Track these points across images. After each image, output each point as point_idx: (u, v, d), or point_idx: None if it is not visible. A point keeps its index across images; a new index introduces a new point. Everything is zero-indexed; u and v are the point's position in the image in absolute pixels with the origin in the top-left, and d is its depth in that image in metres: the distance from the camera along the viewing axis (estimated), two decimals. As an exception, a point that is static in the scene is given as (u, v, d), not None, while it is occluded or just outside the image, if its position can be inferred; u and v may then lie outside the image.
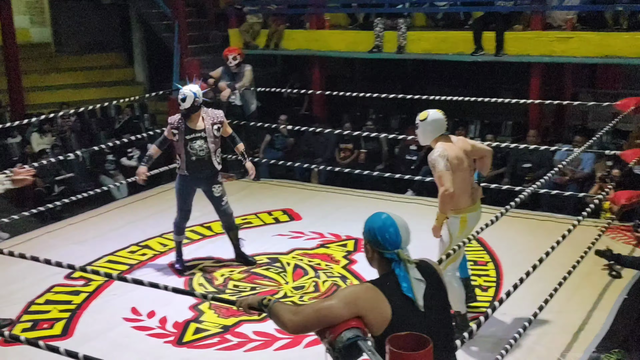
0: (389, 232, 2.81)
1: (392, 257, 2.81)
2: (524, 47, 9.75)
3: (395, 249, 2.81)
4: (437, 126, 5.02)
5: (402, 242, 2.82)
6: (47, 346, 3.86)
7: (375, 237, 2.85)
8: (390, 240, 2.81)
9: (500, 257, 6.72)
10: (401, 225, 2.85)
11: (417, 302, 2.74)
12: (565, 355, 4.97)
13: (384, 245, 2.82)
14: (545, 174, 6.48)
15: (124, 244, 7.25)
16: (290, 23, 11.96)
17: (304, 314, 2.78)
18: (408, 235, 2.85)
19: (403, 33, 10.51)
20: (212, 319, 5.65)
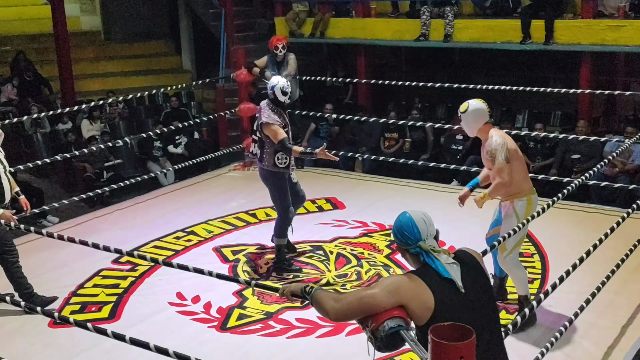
0: (407, 228, 2.89)
1: (417, 251, 2.86)
2: (574, 35, 9.55)
3: (417, 242, 2.86)
4: (480, 115, 5.05)
5: (422, 234, 2.87)
6: (95, 328, 3.94)
7: (397, 237, 2.93)
8: (410, 236, 2.88)
9: (546, 249, 6.62)
10: (418, 219, 2.90)
11: (457, 284, 2.76)
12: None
13: (407, 242, 2.89)
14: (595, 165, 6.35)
15: (169, 229, 7.35)
16: (336, 11, 11.92)
17: (346, 302, 2.79)
18: (428, 227, 2.90)
19: (450, 21, 10.38)
20: (255, 305, 5.70)
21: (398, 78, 9.67)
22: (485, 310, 2.81)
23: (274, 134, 5.97)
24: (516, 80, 9.69)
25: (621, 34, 9.21)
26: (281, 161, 6.08)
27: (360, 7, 11.58)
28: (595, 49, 9.56)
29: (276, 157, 6.07)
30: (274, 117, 6.02)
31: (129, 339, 3.76)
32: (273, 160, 6.08)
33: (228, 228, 7.42)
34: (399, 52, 13.18)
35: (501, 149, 4.94)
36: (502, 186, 4.98)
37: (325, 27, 11.73)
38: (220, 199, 8.33)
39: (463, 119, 5.11)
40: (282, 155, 6.07)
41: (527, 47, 9.83)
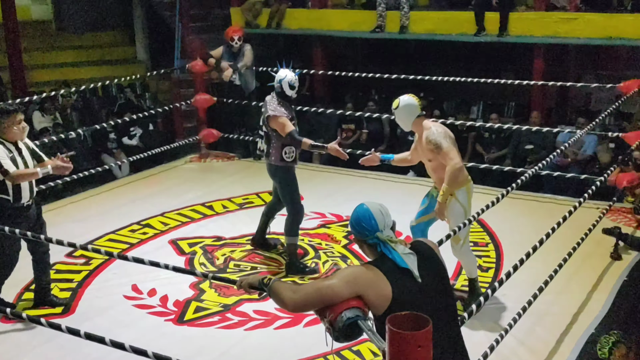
0: (364, 219, 2.91)
1: (374, 242, 2.89)
2: (527, 28, 9.69)
3: (374, 233, 2.88)
4: (411, 110, 5.20)
5: (379, 225, 2.90)
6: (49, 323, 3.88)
7: (354, 228, 2.96)
8: (367, 227, 2.90)
9: (500, 238, 6.73)
10: (375, 210, 2.93)
11: (413, 273, 2.79)
12: None
13: (364, 234, 2.92)
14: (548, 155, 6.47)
15: (125, 222, 7.26)
16: (292, 2, 11.88)
17: (304, 292, 2.80)
18: (385, 218, 2.93)
19: (406, 13, 10.44)
20: (212, 297, 5.67)
21: (354, 69, 9.68)
22: (442, 299, 2.85)
23: (281, 126, 5.84)
24: (471, 72, 9.80)
25: (573, 26, 9.38)
26: (288, 155, 5.94)
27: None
28: (547, 41, 9.73)
29: (283, 151, 5.93)
30: (281, 110, 5.89)
31: (84, 333, 3.71)
32: (280, 155, 5.94)
33: (184, 220, 7.36)
34: (355, 44, 13.20)
35: (444, 137, 5.05)
36: (458, 170, 5.03)
37: (281, 18, 11.69)
38: (176, 191, 8.26)
39: (396, 115, 5.26)
40: (290, 149, 5.93)
41: (482, 38, 9.95)
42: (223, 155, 9.68)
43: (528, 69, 10.14)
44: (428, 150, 5.14)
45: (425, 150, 5.18)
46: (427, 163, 5.30)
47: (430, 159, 5.19)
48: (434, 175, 5.30)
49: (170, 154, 9.95)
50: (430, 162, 5.23)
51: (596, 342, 4.91)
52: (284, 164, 5.98)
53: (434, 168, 5.24)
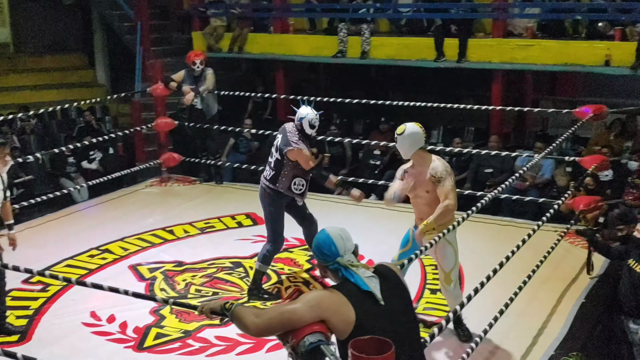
0: (325, 246, 2.92)
1: (335, 267, 2.90)
2: (486, 54, 9.88)
3: (334, 259, 2.89)
4: (416, 139, 5.05)
5: (340, 250, 2.90)
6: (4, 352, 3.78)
7: (316, 255, 2.96)
8: (327, 253, 2.91)
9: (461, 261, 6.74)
10: (336, 235, 2.94)
11: (376, 296, 2.79)
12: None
13: (325, 259, 2.92)
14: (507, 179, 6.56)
15: (83, 248, 7.15)
16: (254, 27, 11.93)
17: (267, 317, 2.78)
18: (345, 242, 2.93)
19: (367, 39, 10.56)
20: (173, 323, 5.60)
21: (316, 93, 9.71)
22: (405, 323, 2.85)
23: (305, 160, 5.81)
24: (431, 97, 9.92)
25: (530, 52, 9.59)
26: (297, 187, 5.91)
27: (278, 23, 11.63)
28: (505, 67, 9.91)
29: (293, 182, 5.88)
30: (302, 144, 5.87)
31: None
32: (289, 184, 5.88)
33: (145, 245, 7.27)
34: (317, 68, 13.30)
35: (448, 175, 4.95)
36: (450, 211, 4.93)
37: (243, 43, 11.71)
38: (136, 216, 8.17)
39: (399, 141, 5.09)
40: (300, 181, 5.90)
41: (441, 64, 10.10)
42: (184, 179, 9.62)
43: (487, 94, 10.32)
44: (430, 183, 4.99)
45: (425, 182, 5.02)
46: (421, 196, 5.09)
47: (428, 191, 5.03)
48: (424, 209, 5.09)
49: (130, 178, 9.85)
50: (426, 194, 5.04)
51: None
52: (289, 194, 5.93)
53: (427, 202, 5.05)
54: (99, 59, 14.30)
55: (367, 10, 10.91)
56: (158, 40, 12.73)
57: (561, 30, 9.92)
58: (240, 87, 11.15)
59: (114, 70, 14.18)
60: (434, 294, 6.10)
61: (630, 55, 8.82)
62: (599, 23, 9.44)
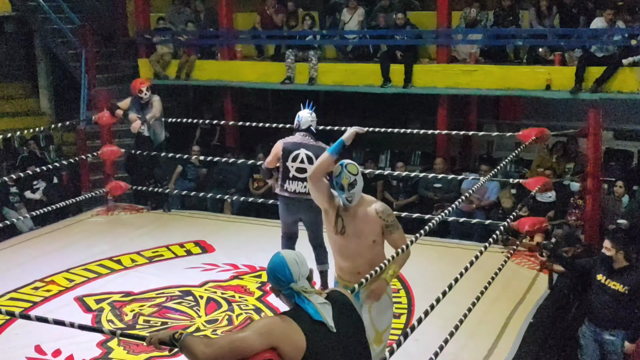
0: (279, 270, 2.90)
1: (288, 292, 2.89)
2: (431, 79, 10.05)
3: (288, 284, 2.88)
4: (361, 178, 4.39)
5: (294, 275, 2.89)
6: (-57, 391, 3.65)
7: (270, 278, 2.95)
8: (281, 278, 2.89)
9: (411, 283, 6.83)
10: (290, 260, 2.92)
11: (327, 324, 2.79)
12: None
13: (279, 284, 2.91)
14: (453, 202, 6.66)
15: (27, 280, 6.96)
16: (201, 54, 11.91)
17: (218, 346, 2.75)
18: (300, 268, 2.92)
19: (314, 65, 10.65)
20: (121, 356, 5.48)
21: (265, 120, 9.77)
22: (356, 349, 2.85)
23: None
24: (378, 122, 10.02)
25: (473, 77, 9.80)
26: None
27: (225, 50, 11.64)
28: (450, 92, 10.10)
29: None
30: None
31: (-18, 400, 3.51)
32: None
33: (91, 276, 7.12)
34: (266, 95, 13.33)
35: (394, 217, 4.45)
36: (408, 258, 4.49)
37: (190, 69, 11.68)
38: (82, 246, 8.00)
39: (358, 183, 4.32)
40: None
41: (387, 90, 10.24)
42: (131, 208, 9.48)
43: (433, 119, 10.48)
44: (377, 227, 4.35)
45: (369, 226, 4.34)
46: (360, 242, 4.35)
47: (375, 240, 4.36)
48: (357, 260, 4.39)
49: (75, 207, 9.66)
50: (369, 241, 4.35)
51: (506, 384, 5.01)
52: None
53: (365, 249, 4.36)
54: (43, 87, 14.06)
55: (314, 36, 11.02)
56: (103, 67, 12.59)
57: (503, 55, 10.18)
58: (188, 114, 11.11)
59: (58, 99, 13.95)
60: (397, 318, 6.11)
61: (570, 80, 9.10)
62: (540, 48, 9.72)
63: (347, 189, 4.24)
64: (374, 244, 4.38)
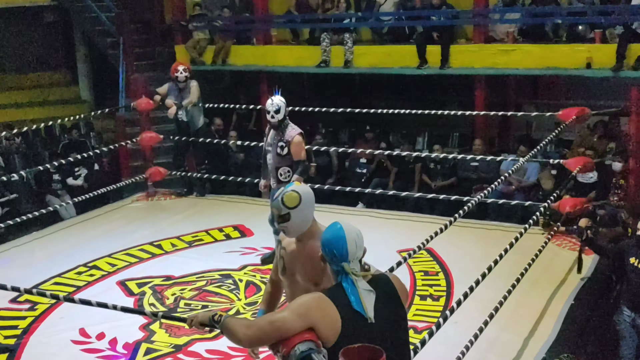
0: (337, 246, 2.85)
1: (338, 269, 2.83)
2: (468, 60, 9.92)
3: (341, 262, 2.83)
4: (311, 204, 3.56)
5: (349, 255, 2.84)
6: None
7: (324, 249, 2.89)
8: (336, 254, 2.84)
9: (450, 266, 6.80)
10: (351, 238, 2.87)
11: (366, 314, 2.75)
12: None
13: (331, 258, 2.86)
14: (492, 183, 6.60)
15: (71, 265, 7.10)
16: (237, 39, 11.94)
17: (257, 327, 2.77)
18: (357, 250, 2.87)
19: (349, 48, 10.59)
20: (163, 338, 5.56)
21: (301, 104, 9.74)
22: (394, 340, 2.80)
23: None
24: (415, 104, 9.96)
25: (511, 57, 9.64)
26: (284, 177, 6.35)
27: (261, 35, 11.64)
28: (487, 72, 9.96)
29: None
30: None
31: (30, 381, 3.60)
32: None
33: (133, 261, 7.24)
34: (301, 79, 13.31)
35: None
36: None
37: (226, 55, 11.72)
38: (123, 231, 8.13)
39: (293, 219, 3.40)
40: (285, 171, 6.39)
41: (424, 71, 10.14)
42: (170, 193, 9.59)
43: (470, 100, 10.36)
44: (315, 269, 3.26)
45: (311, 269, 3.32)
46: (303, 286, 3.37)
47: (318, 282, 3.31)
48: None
49: (116, 193, 9.81)
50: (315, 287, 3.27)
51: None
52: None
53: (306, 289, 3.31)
54: (82, 75, 14.27)
55: (349, 19, 10.95)
56: (141, 54, 12.70)
57: (542, 34, 9.98)
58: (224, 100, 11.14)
59: (97, 86, 14.14)
60: (424, 300, 6.11)
61: (610, 58, 8.89)
62: (579, 26, 9.52)
63: (277, 221, 3.40)
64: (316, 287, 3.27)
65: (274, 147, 6.36)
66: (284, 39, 12.04)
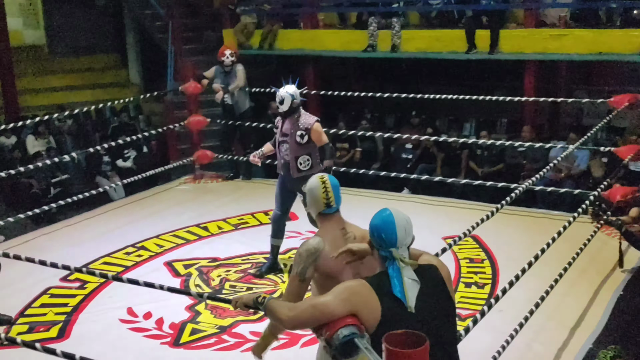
0: (386, 231, 2.82)
1: (386, 255, 2.82)
2: (518, 44, 9.76)
3: (390, 247, 2.81)
4: (314, 201, 3.80)
5: (398, 241, 2.81)
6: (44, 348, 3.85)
7: (373, 234, 2.87)
8: (385, 239, 2.82)
9: (496, 254, 6.73)
10: (400, 224, 2.84)
11: (407, 303, 2.72)
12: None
13: (380, 243, 2.84)
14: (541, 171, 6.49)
15: (120, 245, 7.24)
16: (284, 23, 11.95)
17: (300, 310, 2.78)
18: (407, 236, 2.84)
19: (397, 32, 10.51)
20: (208, 319, 5.64)
21: (347, 88, 9.72)
22: (437, 331, 2.77)
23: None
24: (463, 89, 9.84)
25: (563, 42, 9.45)
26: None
27: (308, 19, 11.63)
28: (538, 58, 9.79)
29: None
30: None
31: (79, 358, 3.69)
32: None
33: (179, 242, 7.34)
34: (348, 63, 13.27)
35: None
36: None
37: (273, 39, 11.75)
38: (170, 213, 8.25)
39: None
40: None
41: (473, 56, 10.01)
42: (217, 176, 9.69)
43: (520, 85, 10.20)
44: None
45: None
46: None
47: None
48: None
49: (164, 175, 9.95)
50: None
51: (594, 356, 4.89)
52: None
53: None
54: (132, 59, 14.47)
55: (398, 3, 10.85)
56: (189, 38, 12.82)
57: (595, 18, 9.76)
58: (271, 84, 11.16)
59: (146, 70, 14.33)
60: (468, 288, 6.07)
61: (666, 43, 8.66)
62: (634, 10, 9.26)
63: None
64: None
65: (292, 137, 6.20)
66: (331, 23, 12.01)
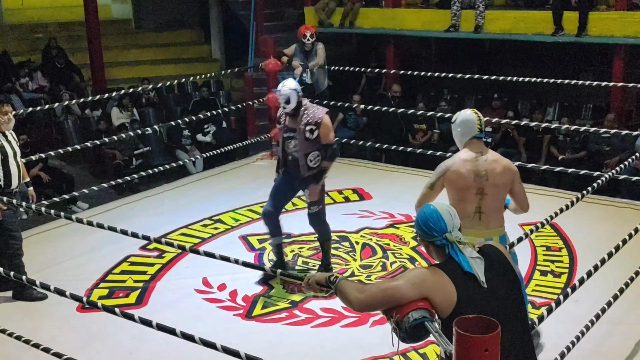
0: (432, 220, 2.86)
1: (442, 242, 2.84)
2: (608, 28, 9.40)
3: (442, 234, 2.83)
4: (467, 129, 4.43)
5: (448, 225, 2.84)
6: (123, 314, 3.98)
7: (421, 229, 2.89)
8: (435, 227, 2.84)
9: (575, 243, 6.56)
10: (444, 211, 2.88)
11: (479, 278, 2.74)
12: None
13: (432, 234, 2.86)
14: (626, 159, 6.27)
15: (197, 217, 7.40)
16: (365, 1, 11.87)
17: (370, 293, 2.79)
18: (453, 219, 2.87)
19: (481, 12, 10.28)
20: (281, 294, 5.73)
21: (427, 69, 9.59)
22: (509, 306, 2.77)
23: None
24: (547, 73, 9.57)
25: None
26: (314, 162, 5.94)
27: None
28: (629, 42, 9.41)
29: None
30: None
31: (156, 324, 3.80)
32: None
33: (255, 217, 7.44)
34: (429, 43, 13.09)
35: (437, 170, 4.43)
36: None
37: (354, 17, 11.69)
38: (247, 188, 8.37)
39: (453, 130, 4.55)
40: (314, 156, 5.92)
41: (559, 39, 9.70)
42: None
43: (607, 70, 9.84)
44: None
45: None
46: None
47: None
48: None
49: (242, 151, 10.10)
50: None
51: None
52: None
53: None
54: (214, 35, 14.68)
55: (483, -18, 10.61)
56: (271, 15, 12.90)
57: (691, 1, 9.30)
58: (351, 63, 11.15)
59: (228, 46, 14.52)
60: (544, 276, 5.95)
61: None
62: None
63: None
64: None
65: (301, 133, 5.81)
66: (413, 2, 11.85)
